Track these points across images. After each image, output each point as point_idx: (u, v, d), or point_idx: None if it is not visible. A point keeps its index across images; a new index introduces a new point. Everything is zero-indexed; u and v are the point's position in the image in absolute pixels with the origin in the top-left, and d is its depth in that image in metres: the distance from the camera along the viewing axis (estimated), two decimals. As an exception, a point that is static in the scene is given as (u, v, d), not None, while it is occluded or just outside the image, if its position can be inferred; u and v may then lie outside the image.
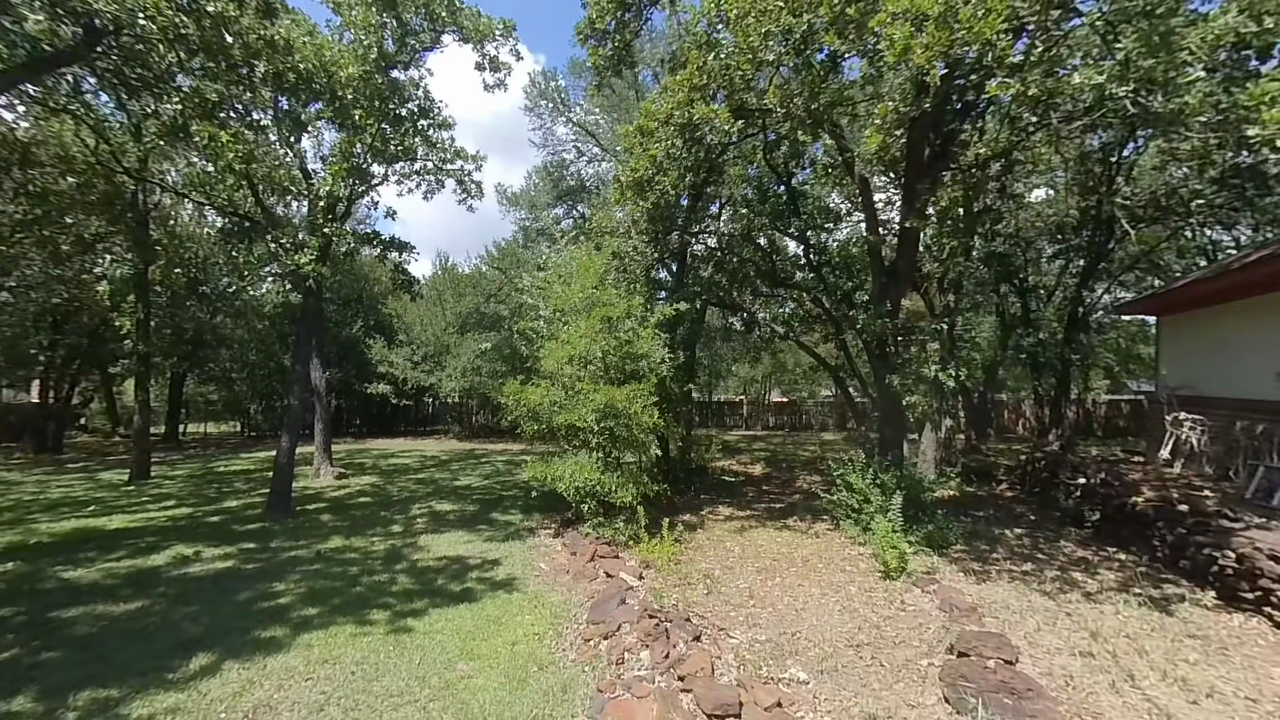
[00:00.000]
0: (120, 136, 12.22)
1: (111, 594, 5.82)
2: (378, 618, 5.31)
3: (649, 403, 7.79)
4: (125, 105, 12.27)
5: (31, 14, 6.12)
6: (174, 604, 5.60)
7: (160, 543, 7.80)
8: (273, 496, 9.43)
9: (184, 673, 4.25)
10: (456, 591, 6.04)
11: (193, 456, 18.79)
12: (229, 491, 12.13)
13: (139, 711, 3.71)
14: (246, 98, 9.02)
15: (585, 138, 20.96)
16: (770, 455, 18.39)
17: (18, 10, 6.35)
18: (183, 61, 7.06)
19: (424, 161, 14.25)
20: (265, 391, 25.42)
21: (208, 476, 14.25)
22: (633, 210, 8.87)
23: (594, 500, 7.80)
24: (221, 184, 12.84)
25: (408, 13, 10.82)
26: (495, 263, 22.88)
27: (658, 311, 8.92)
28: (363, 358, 24.11)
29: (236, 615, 5.34)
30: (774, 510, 10.25)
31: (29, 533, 8.35)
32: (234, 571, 6.65)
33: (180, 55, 6.79)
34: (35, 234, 13.32)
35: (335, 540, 8.07)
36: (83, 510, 10.03)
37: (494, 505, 10.53)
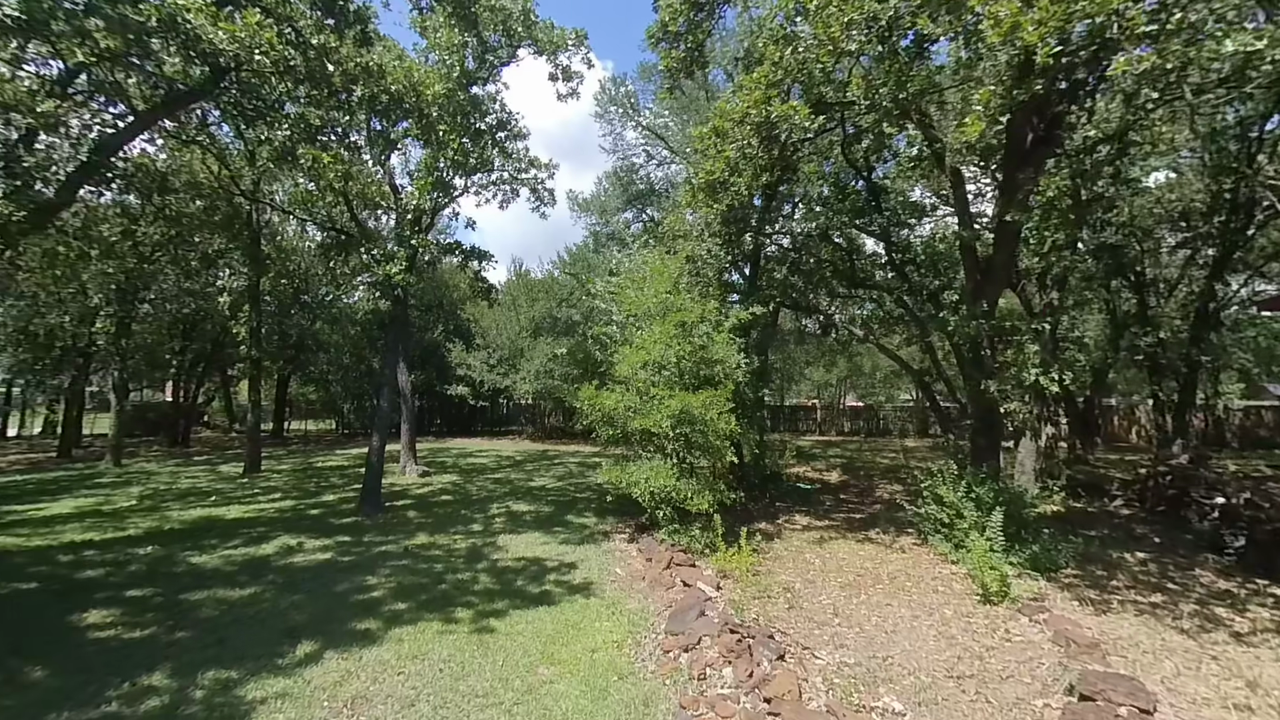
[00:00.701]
0: (238, 162, 13.51)
1: (230, 580, 6.39)
2: (462, 616, 5.49)
3: (725, 409, 7.63)
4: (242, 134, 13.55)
5: (169, 58, 6.84)
6: (282, 592, 6.05)
7: (269, 533, 8.49)
8: (365, 493, 10.05)
9: (291, 659, 4.57)
10: (535, 594, 6.15)
11: (295, 452, 20.47)
12: (326, 486, 13.07)
13: (253, 694, 4.01)
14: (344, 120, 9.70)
15: (654, 141, 21.02)
16: (847, 462, 17.62)
17: (159, 55, 7.14)
18: (290, 91, 7.68)
19: (500, 172, 14.79)
20: (357, 392, 27.30)
21: (308, 471, 15.44)
22: (706, 213, 8.74)
23: (669, 507, 7.73)
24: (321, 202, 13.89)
25: (487, 30, 11.25)
26: (567, 268, 23.40)
27: (732, 315, 8.74)
28: (443, 361, 25.36)
29: (335, 606, 5.70)
30: (854, 521, 9.78)
31: (164, 519, 9.35)
32: (332, 564, 7.11)
33: (288, 85, 7.38)
34: (170, 252, 15.01)
35: (421, 537, 8.46)
36: (206, 500, 11.12)
37: (568, 507, 10.70)
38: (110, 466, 15.43)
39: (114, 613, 5.38)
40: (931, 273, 11.41)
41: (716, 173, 7.45)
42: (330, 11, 7.53)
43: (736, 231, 10.22)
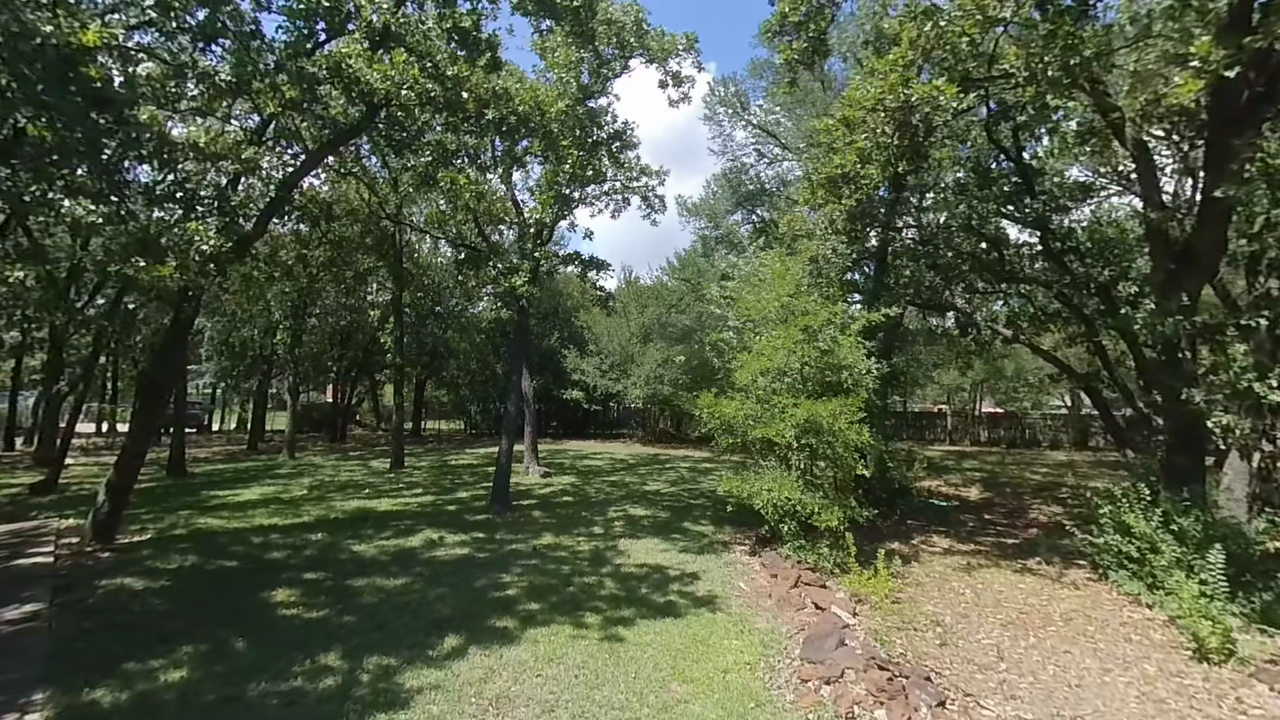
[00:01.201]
0: (383, 189, 15.09)
1: (385, 569, 7.02)
2: (591, 621, 5.55)
3: (856, 419, 7.09)
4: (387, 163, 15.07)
5: (334, 101, 7.74)
6: (428, 584, 6.53)
7: (414, 526, 9.26)
8: (495, 492, 10.66)
9: (440, 651, 4.87)
10: (660, 604, 6.09)
11: (431, 450, 22.41)
12: (460, 483, 14.09)
13: (410, 683, 4.31)
14: (474, 143, 10.42)
15: (765, 140, 20.43)
16: (988, 477, 15.83)
17: (326, 100, 8.12)
18: (430, 120, 8.37)
19: (612, 182, 15.13)
20: (482, 395, 29.38)
21: (443, 468, 16.78)
22: (831, 209, 8.22)
23: (793, 521, 7.33)
24: (452, 221, 15.03)
25: (601, 44, 11.54)
26: (676, 274, 23.44)
27: (860, 318, 8.14)
28: (559, 366, 26.51)
29: (475, 602, 6.03)
30: (1005, 547, 8.69)
31: (329, 509, 10.57)
32: (470, 559, 7.58)
33: (429, 114, 8.05)
34: (331, 272, 17.13)
35: (547, 537, 8.78)
36: (361, 492, 12.44)
37: (684, 514, 10.59)
38: (286, 459, 17.87)
39: (295, 593, 6.11)
40: (1099, 262, 9.86)
41: (848, 165, 6.96)
42: (464, 43, 8.09)
43: (863, 227, 9.53)
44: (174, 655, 4.60)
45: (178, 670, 4.38)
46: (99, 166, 5.09)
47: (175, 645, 4.77)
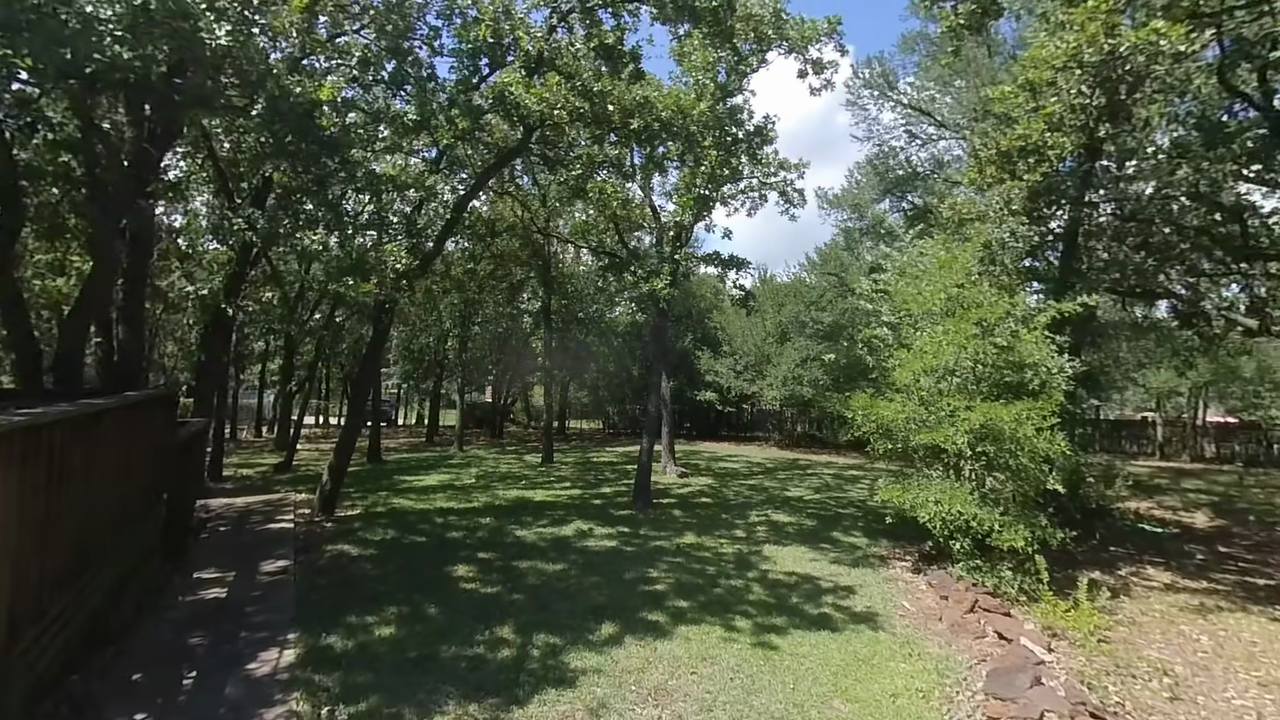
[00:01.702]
0: (534, 205, 16.36)
1: (544, 554, 7.57)
2: (741, 626, 5.47)
3: (1045, 425, 6.17)
4: (537, 180, 16.27)
5: (495, 128, 8.56)
6: (584, 572, 6.91)
7: (566, 517, 9.87)
8: (637, 489, 11.00)
9: (598, 636, 5.12)
10: (814, 615, 5.82)
11: (575, 447, 23.77)
12: (602, 479, 14.75)
13: (575, 663, 4.58)
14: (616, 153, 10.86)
15: (917, 119, 18.72)
16: (1219, 500, 12.91)
17: (489, 125, 9.01)
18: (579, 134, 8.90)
19: (749, 179, 14.85)
20: (619, 396, 30.52)
21: (587, 465, 17.70)
22: (1009, 187, 7.26)
23: (966, 538, 6.57)
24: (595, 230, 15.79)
25: (739, 41, 11.39)
26: (816, 269, 22.38)
27: (1049, 309, 7.07)
28: (692, 367, 26.65)
29: (627, 593, 6.25)
30: (1255, 588, 7.03)
31: (494, 497, 11.67)
32: (618, 552, 7.89)
33: (579, 130, 8.57)
34: (492, 284, 18.98)
35: (689, 536, 8.85)
36: (519, 483, 13.57)
37: (832, 523, 10.04)
38: (456, 451, 20.11)
39: (472, 569, 6.82)
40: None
41: (1033, 135, 6.09)
42: (609, 58, 8.49)
43: (1047, 205, 8.29)
44: (383, 614, 5.38)
45: (387, 627, 5.11)
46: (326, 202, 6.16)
47: (383, 605, 5.58)
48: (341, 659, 4.45)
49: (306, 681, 4.08)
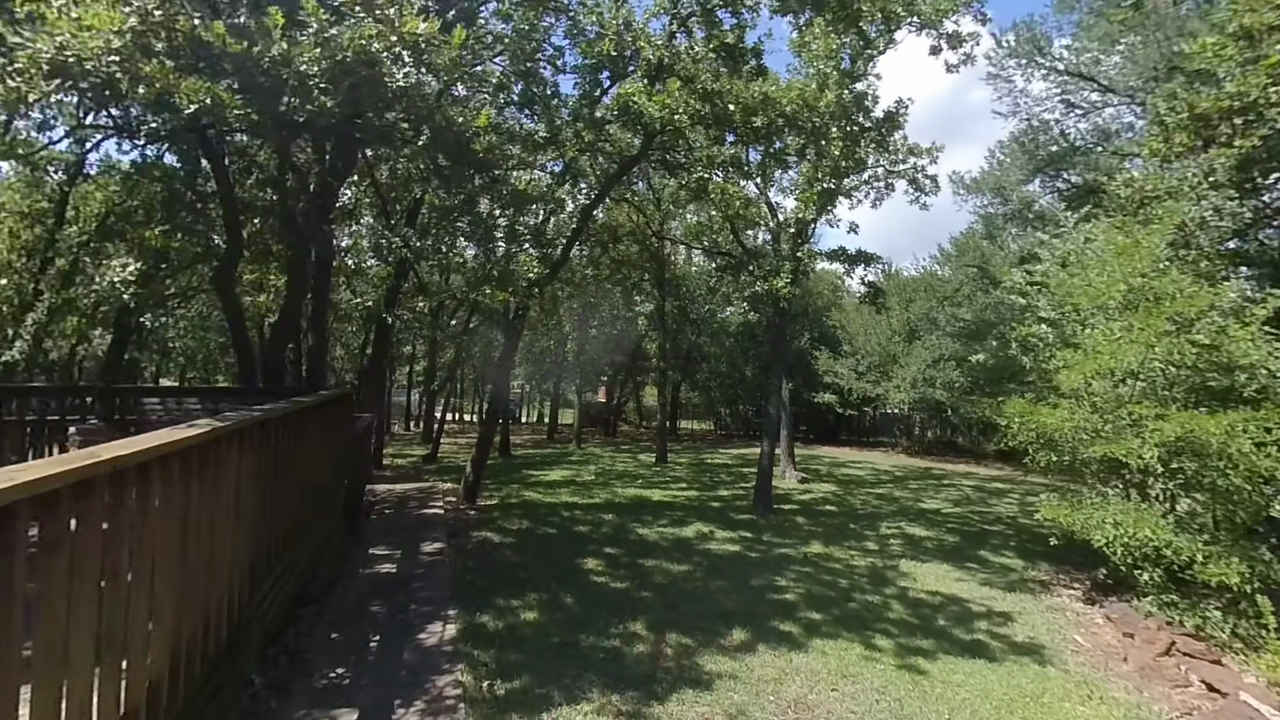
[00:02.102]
0: (649, 209, 16.66)
1: (667, 554, 7.68)
2: (883, 645, 5.15)
3: (1270, 439, 5.13)
4: (651, 185, 16.54)
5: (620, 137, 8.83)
6: (709, 575, 6.91)
7: (685, 518, 9.93)
8: (757, 493, 10.78)
9: (730, 642, 5.08)
10: (965, 641, 5.33)
11: (687, 448, 23.85)
12: (718, 481, 14.65)
13: (709, 666, 4.59)
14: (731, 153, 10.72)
15: (1075, 86, 16.45)
16: None
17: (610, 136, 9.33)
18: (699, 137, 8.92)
19: (874, 168, 13.95)
20: (731, 397, 30.14)
21: (701, 466, 17.68)
22: (1213, 156, 6.12)
23: (1157, 568, 5.65)
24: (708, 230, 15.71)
25: (865, 22, 10.76)
26: (952, 261, 20.52)
27: (1272, 299, 5.86)
28: (809, 368, 25.61)
29: (755, 600, 6.15)
30: None
31: (613, 494, 12.06)
32: (742, 557, 7.78)
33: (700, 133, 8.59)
34: (608, 287, 19.65)
35: (815, 545, 8.51)
36: (635, 482, 13.89)
37: (978, 541, 9.13)
38: (575, 448, 21.07)
39: (601, 564, 7.10)
40: None
41: (1250, 90, 5.08)
42: (730, 57, 8.41)
43: (1265, 175, 6.87)
44: (526, 599, 5.77)
45: (530, 612, 5.47)
46: (475, 218, 6.76)
47: (525, 591, 5.99)
48: (495, 638, 4.84)
49: (467, 655, 4.49)
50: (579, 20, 9.33)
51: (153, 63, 3.22)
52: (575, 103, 9.80)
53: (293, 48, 3.79)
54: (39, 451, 6.34)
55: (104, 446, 2.14)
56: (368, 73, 3.98)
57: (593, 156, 10.96)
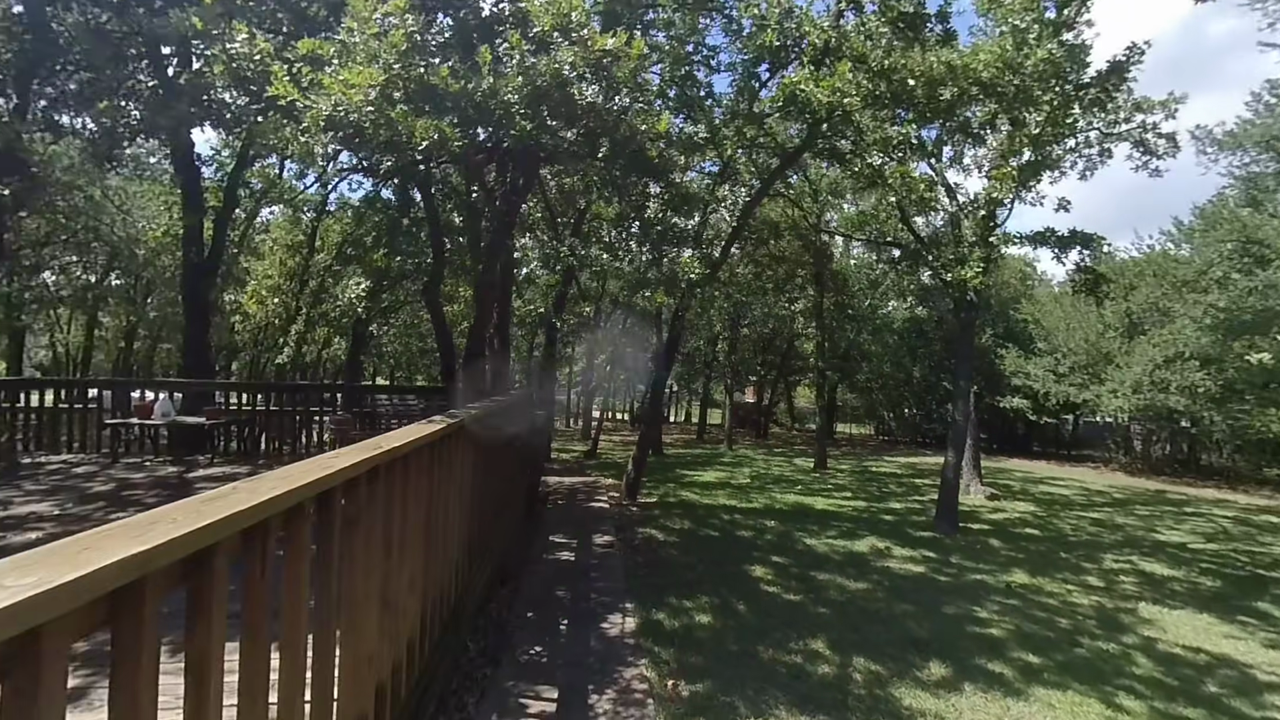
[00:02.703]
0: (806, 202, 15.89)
1: (840, 568, 7.19)
2: (1132, 708, 4.25)
3: None
4: (807, 177, 15.76)
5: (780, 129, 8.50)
6: (890, 596, 6.33)
7: (855, 530, 9.25)
8: (940, 508, 9.69)
9: (927, 675, 4.57)
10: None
11: (847, 453, 22.37)
12: (887, 492, 13.48)
13: (907, 700, 4.17)
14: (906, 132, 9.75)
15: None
16: None
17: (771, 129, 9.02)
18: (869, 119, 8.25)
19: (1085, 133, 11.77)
20: (896, 400, 27.65)
21: (864, 474, 16.43)
22: None
23: None
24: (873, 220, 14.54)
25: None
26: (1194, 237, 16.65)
27: None
28: (992, 369, 22.54)
29: (951, 630, 5.48)
30: None
31: (772, 500, 11.68)
32: (928, 580, 7.02)
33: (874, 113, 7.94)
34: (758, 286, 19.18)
35: (1018, 574, 7.39)
36: (794, 488, 13.32)
37: (1250, 588, 7.25)
38: (726, 450, 20.90)
39: (769, 572, 6.88)
40: None
41: None
42: (909, 26, 7.64)
43: None
44: (698, 601, 5.78)
45: (704, 615, 5.46)
46: (646, 223, 6.98)
47: (696, 593, 6.00)
48: (673, 637, 4.90)
49: (649, 651, 4.60)
50: (735, 17, 9.19)
51: (396, 108, 3.83)
52: (731, 101, 9.67)
53: (498, 80, 4.21)
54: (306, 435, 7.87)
55: (385, 437, 2.51)
56: (559, 94, 4.27)
57: (751, 153, 10.74)
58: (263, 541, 1.51)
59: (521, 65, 4.09)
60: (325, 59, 3.92)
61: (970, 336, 10.75)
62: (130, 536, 1.09)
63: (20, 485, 6.46)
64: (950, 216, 12.10)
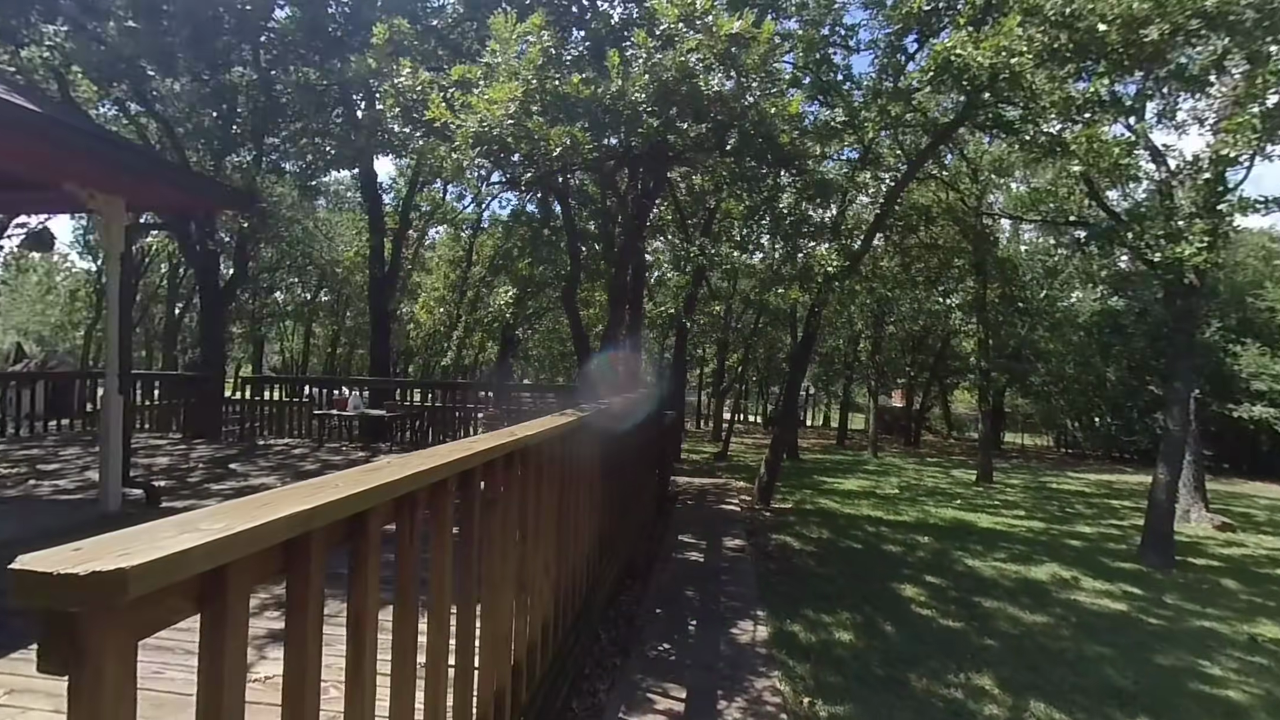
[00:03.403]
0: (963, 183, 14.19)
1: (1013, 598, 6.24)
2: None
3: None
4: (964, 155, 14.09)
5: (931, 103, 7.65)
6: (1079, 635, 5.34)
7: (1031, 555, 7.99)
8: (1148, 536, 8.02)
9: (1133, 736, 3.76)
10: None
11: (1018, 466, 19.56)
12: (1072, 514, 11.53)
13: (1105, 761, 3.46)
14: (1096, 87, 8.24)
15: None
16: None
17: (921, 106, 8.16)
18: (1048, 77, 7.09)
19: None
20: (1082, 407, 23.62)
21: (1041, 491, 14.22)
22: None
23: None
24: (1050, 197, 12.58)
25: None
26: None
27: None
28: (1221, 370, 18.28)
29: (1167, 685, 4.47)
30: None
31: (924, 513, 10.55)
32: (1130, 620, 5.83)
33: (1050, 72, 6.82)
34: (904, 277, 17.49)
35: (1267, 626, 5.83)
36: (952, 502, 11.92)
37: None
38: (870, 456, 19.38)
39: (922, 593, 6.19)
40: None
41: None
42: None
43: None
44: (837, 616, 5.36)
45: (844, 631, 5.06)
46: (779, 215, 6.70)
47: (835, 607, 5.58)
48: (809, 652, 4.60)
49: (782, 664, 4.35)
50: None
51: (533, 119, 4.09)
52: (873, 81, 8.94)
53: (625, 82, 4.29)
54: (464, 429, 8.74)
55: (519, 427, 2.65)
56: (686, 87, 4.24)
57: (896, 133, 9.85)
58: (410, 511, 1.64)
59: (648, 63, 4.13)
60: (473, 81, 4.33)
61: (1189, 329, 8.76)
62: (300, 496, 1.23)
63: (256, 462, 7.98)
64: (1158, 185, 10.00)
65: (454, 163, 4.34)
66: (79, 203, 4.52)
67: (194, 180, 6.57)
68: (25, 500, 5.54)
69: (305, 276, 22.43)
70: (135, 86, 8.39)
